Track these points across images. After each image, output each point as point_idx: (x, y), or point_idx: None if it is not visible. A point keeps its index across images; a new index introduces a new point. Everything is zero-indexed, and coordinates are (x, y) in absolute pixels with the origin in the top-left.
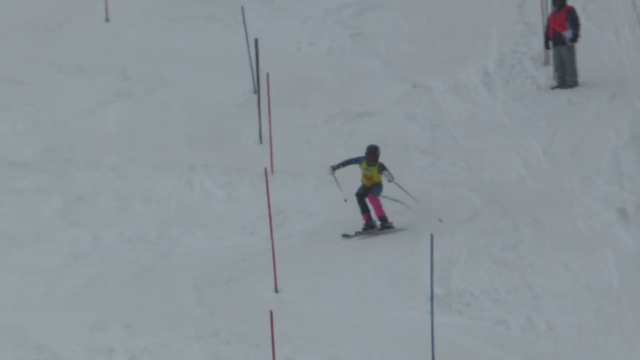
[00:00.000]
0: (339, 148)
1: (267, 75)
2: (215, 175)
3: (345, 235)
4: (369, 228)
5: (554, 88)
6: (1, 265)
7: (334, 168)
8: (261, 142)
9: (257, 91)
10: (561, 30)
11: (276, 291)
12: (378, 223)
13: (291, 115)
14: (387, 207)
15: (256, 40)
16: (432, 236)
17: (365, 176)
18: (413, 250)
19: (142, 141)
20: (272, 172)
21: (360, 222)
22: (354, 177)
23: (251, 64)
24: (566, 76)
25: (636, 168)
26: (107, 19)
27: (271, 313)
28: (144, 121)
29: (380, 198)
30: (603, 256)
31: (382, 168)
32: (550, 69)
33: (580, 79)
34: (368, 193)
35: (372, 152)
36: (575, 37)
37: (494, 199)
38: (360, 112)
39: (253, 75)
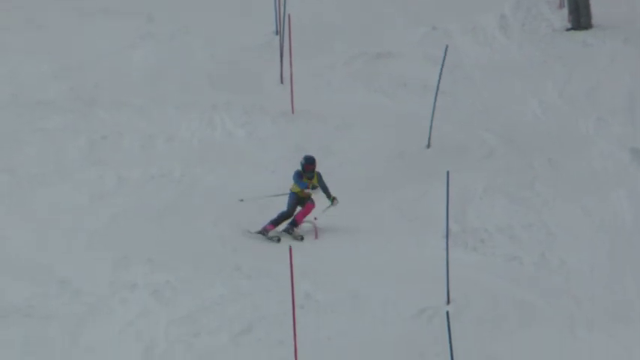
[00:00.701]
0: (359, 89)
1: (289, 17)
2: (237, 115)
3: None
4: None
5: (568, 30)
6: (27, 204)
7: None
8: (282, 82)
9: (279, 32)
10: None
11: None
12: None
13: (311, 57)
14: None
15: None
16: (448, 173)
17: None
18: (428, 190)
19: (166, 82)
20: (292, 112)
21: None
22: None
23: (276, 5)
24: (580, 18)
25: None
26: None
27: (290, 248)
28: (167, 63)
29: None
30: (617, 195)
31: (320, 178)
32: (565, 12)
33: (594, 21)
34: (306, 203)
35: (310, 163)
36: None
37: (510, 140)
38: (379, 54)
39: (277, 16)
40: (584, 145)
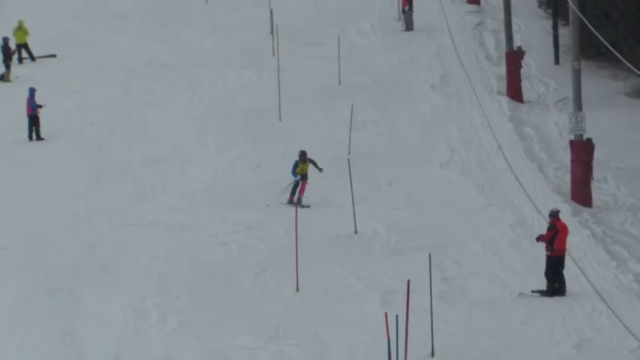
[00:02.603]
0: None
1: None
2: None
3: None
4: (296, 204)
5: (403, 31)
6: None
7: (294, 174)
8: (273, 55)
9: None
10: (405, 6)
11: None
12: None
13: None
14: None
15: None
16: (352, 105)
17: (302, 169)
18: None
19: (224, 55)
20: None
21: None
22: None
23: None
24: (408, 25)
25: None
26: None
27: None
28: (225, 48)
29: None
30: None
31: (311, 161)
32: (401, 22)
33: (415, 26)
34: (303, 179)
35: (304, 154)
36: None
37: (377, 80)
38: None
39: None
40: (410, 85)
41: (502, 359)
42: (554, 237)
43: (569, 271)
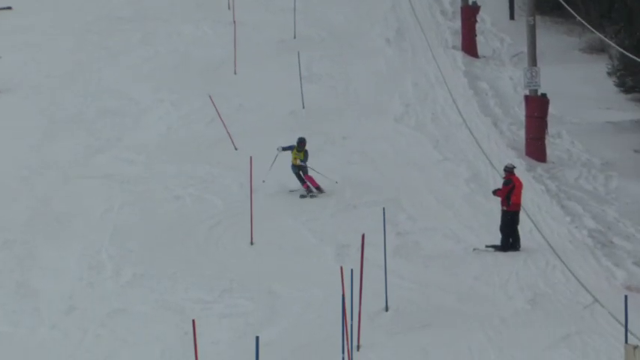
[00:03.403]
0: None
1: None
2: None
3: (302, 196)
4: (310, 192)
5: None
6: None
7: (282, 149)
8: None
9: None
10: None
11: None
12: (314, 189)
13: None
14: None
15: None
16: (298, 54)
17: (295, 159)
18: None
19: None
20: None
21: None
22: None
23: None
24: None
25: None
26: None
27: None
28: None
29: (310, 174)
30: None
31: (306, 153)
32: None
33: None
34: (303, 172)
35: (302, 142)
36: None
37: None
38: None
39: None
40: (365, 39)
41: (456, 314)
42: (511, 192)
43: (524, 227)
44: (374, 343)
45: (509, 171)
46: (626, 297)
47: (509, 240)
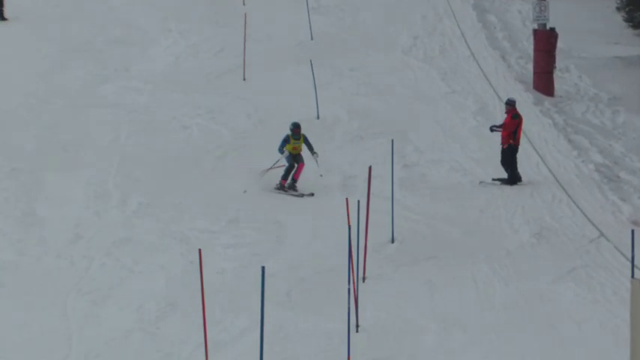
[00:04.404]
0: None
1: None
2: None
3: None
4: (288, 189)
5: None
6: None
7: (282, 149)
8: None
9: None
10: None
11: None
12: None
13: None
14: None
15: None
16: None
17: (294, 148)
18: None
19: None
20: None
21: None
22: None
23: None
24: None
25: None
26: None
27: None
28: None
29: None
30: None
31: (306, 139)
32: None
33: None
34: (297, 162)
35: (297, 127)
36: None
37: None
38: None
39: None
40: None
41: (462, 246)
42: (518, 127)
43: (530, 160)
44: (379, 274)
45: (513, 105)
46: (632, 231)
47: (517, 173)
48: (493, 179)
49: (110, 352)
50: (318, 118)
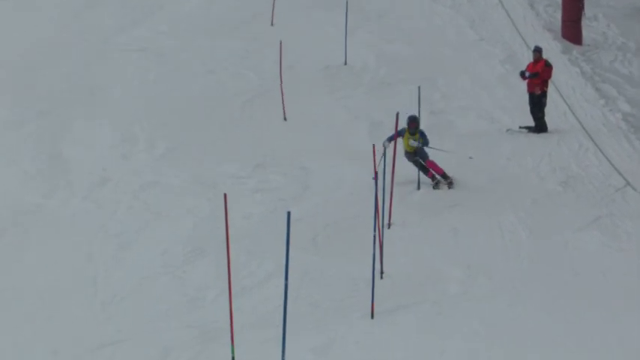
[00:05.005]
0: None
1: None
2: None
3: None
4: (438, 182)
5: None
6: None
7: (389, 140)
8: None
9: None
10: None
11: None
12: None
13: None
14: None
15: None
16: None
17: (408, 145)
18: None
19: None
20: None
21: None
22: None
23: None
24: None
25: None
26: None
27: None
28: None
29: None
30: None
31: (422, 134)
32: None
33: None
34: (422, 159)
35: (413, 121)
36: None
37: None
38: None
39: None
40: None
41: (488, 194)
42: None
43: (558, 109)
44: (405, 221)
45: (541, 52)
46: None
47: (544, 121)
48: (520, 127)
49: (135, 295)
50: (345, 64)
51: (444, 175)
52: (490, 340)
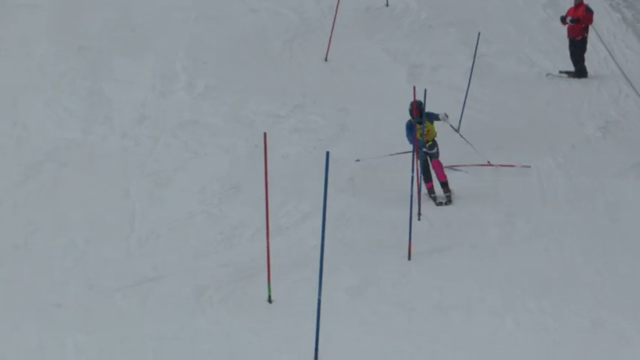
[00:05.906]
0: None
1: None
2: None
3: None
4: (432, 194)
5: None
6: None
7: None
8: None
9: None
10: None
11: None
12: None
13: None
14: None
15: None
16: None
17: (421, 135)
18: None
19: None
20: None
21: None
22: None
23: None
24: None
25: None
26: None
27: None
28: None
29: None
30: None
31: (429, 116)
32: None
33: None
34: (431, 157)
35: (417, 108)
36: None
37: None
38: None
39: None
40: None
41: (526, 138)
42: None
43: (599, 54)
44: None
45: None
46: None
47: (584, 67)
48: (560, 72)
49: (172, 233)
50: (387, 5)
51: (445, 185)
52: (523, 288)
